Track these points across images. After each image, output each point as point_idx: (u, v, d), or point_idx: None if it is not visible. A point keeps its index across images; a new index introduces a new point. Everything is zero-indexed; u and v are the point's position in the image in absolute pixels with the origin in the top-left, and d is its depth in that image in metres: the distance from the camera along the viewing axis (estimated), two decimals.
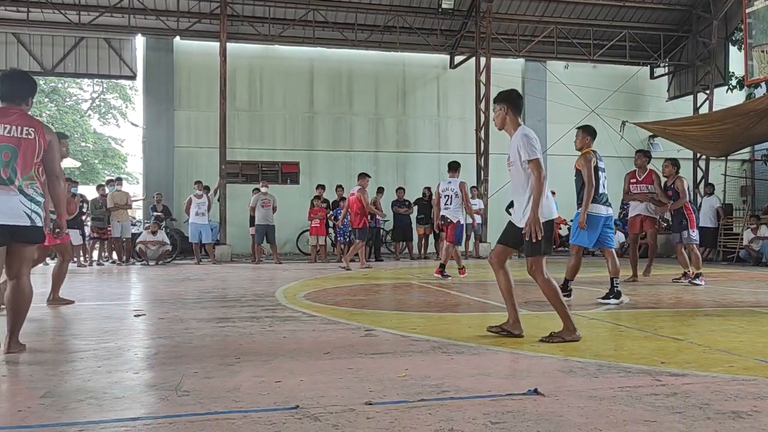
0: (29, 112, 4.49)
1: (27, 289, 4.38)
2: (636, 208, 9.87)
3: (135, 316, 6.22)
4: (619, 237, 15.55)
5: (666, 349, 4.45)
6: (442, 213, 10.44)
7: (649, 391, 3.29)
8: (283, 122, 18.79)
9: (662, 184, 9.77)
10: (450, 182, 10.52)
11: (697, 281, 9.12)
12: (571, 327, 4.66)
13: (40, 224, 4.37)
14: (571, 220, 8.03)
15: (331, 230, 16.03)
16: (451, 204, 10.41)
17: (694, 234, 9.39)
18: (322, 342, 4.74)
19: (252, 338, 4.91)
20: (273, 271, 12.28)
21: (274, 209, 15.27)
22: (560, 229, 18.48)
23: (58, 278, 7.14)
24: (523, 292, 7.92)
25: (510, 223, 4.96)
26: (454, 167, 10.73)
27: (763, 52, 13.93)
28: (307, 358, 4.15)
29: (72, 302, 7.07)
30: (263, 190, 15.38)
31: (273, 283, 9.73)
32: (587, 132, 7.41)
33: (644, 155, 9.86)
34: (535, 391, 3.22)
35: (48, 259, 10.86)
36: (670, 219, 10.10)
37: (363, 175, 12.97)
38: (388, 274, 11.53)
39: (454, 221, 10.38)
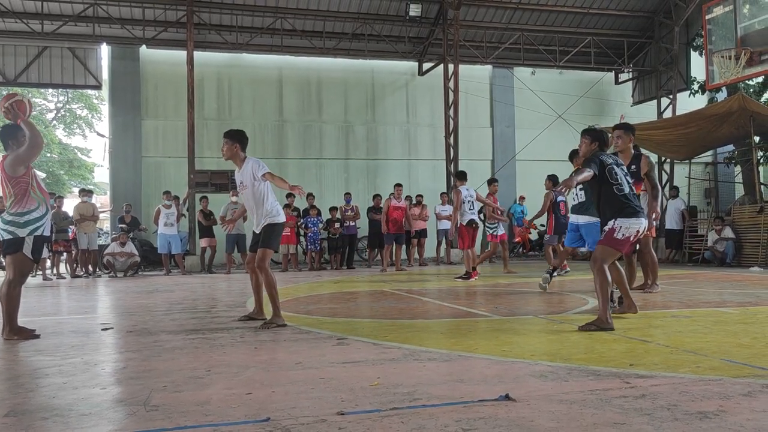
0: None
1: (7, 289, 5.45)
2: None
3: (102, 329, 6.11)
4: None
5: (634, 351, 4.51)
6: (471, 218, 11.09)
7: (619, 393, 3.33)
8: (252, 130, 18.55)
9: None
10: (468, 189, 11.34)
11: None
12: (279, 314, 5.87)
13: (6, 237, 5.43)
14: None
15: (302, 239, 15.96)
16: (474, 209, 11.32)
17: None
18: (293, 352, 4.72)
19: (223, 350, 4.85)
20: (244, 281, 12.15)
21: (245, 218, 15.11)
22: (530, 233, 18.65)
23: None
24: (494, 297, 7.98)
25: (253, 233, 6.22)
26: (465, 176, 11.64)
27: (723, 57, 14.26)
28: (279, 369, 4.12)
29: None
30: (233, 199, 15.24)
31: (244, 293, 9.64)
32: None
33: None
34: (507, 397, 3.24)
35: None
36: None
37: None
38: (360, 282, 11.51)
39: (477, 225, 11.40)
